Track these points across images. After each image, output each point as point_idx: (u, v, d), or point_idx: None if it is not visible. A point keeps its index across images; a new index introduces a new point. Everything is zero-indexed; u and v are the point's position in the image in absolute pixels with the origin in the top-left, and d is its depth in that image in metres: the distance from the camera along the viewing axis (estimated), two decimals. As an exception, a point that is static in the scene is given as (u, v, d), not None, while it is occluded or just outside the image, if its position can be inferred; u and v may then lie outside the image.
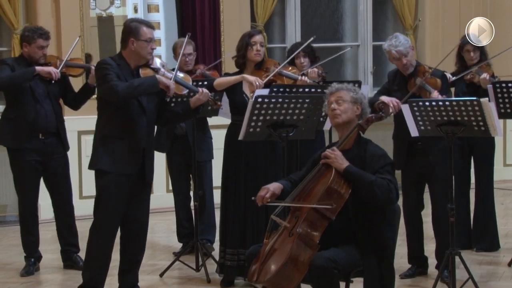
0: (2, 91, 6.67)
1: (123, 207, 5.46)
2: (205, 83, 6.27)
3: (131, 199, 5.48)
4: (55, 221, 6.86)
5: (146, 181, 5.55)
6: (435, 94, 5.99)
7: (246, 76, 6.06)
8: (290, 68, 6.45)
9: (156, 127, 7.06)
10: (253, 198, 4.81)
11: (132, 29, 5.44)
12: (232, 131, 6.14)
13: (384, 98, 6.00)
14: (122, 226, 5.59)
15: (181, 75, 5.71)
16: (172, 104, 6.15)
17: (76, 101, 6.75)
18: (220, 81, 6.14)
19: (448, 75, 6.94)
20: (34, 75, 6.42)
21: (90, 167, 5.53)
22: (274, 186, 4.79)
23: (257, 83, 5.98)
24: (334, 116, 4.81)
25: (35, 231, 6.72)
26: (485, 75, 6.74)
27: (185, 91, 5.72)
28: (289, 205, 4.69)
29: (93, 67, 6.33)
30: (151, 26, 5.53)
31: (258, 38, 6.13)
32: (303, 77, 6.37)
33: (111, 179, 5.38)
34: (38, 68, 6.45)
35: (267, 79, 6.10)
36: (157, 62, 5.62)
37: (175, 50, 7.20)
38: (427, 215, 6.45)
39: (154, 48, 5.50)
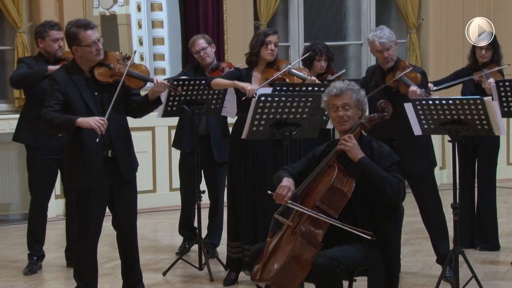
0: (15, 89, 6.63)
1: (101, 210, 5.42)
2: (203, 81, 6.33)
3: (114, 200, 5.44)
4: (65, 219, 6.88)
5: (124, 179, 5.44)
6: (414, 88, 5.87)
7: (237, 83, 6.04)
8: (299, 68, 6.45)
9: (177, 126, 7.14)
10: (269, 192, 4.73)
11: (71, 36, 5.28)
12: (239, 127, 6.12)
13: None
14: (114, 227, 5.58)
15: (136, 67, 5.49)
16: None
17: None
18: (217, 81, 6.14)
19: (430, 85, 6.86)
20: (45, 74, 6.36)
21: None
22: (291, 184, 4.69)
23: (249, 88, 5.95)
24: (341, 123, 4.73)
25: (42, 230, 6.73)
26: (491, 80, 6.73)
27: (143, 83, 5.50)
28: (308, 212, 4.54)
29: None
30: (90, 27, 5.28)
31: (273, 38, 6.17)
32: (312, 77, 6.33)
33: (82, 191, 5.36)
34: (50, 67, 6.42)
35: (275, 76, 6.08)
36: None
37: (190, 50, 7.21)
38: (415, 215, 6.39)
39: (99, 48, 5.28)
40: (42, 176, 6.60)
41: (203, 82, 6.31)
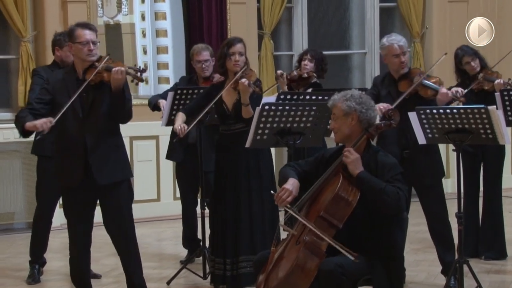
0: None
1: (78, 217, 5.54)
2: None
3: (101, 206, 5.49)
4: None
5: (98, 185, 5.37)
6: (444, 90, 5.86)
7: (175, 127, 6.12)
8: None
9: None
10: (272, 192, 4.74)
11: (69, 32, 5.43)
12: (218, 140, 6.19)
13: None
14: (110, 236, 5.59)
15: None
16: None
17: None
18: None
19: (460, 89, 6.90)
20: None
21: None
22: (295, 187, 4.65)
23: (178, 128, 6.06)
24: (334, 133, 4.80)
25: (45, 237, 6.72)
26: (499, 80, 6.73)
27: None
28: (301, 219, 4.57)
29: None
30: (88, 27, 5.38)
31: (237, 47, 5.95)
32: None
33: (61, 192, 5.56)
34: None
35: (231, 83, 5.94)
36: None
37: (192, 57, 7.11)
38: (419, 224, 6.35)
39: (91, 49, 5.30)
40: (51, 183, 6.57)
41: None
